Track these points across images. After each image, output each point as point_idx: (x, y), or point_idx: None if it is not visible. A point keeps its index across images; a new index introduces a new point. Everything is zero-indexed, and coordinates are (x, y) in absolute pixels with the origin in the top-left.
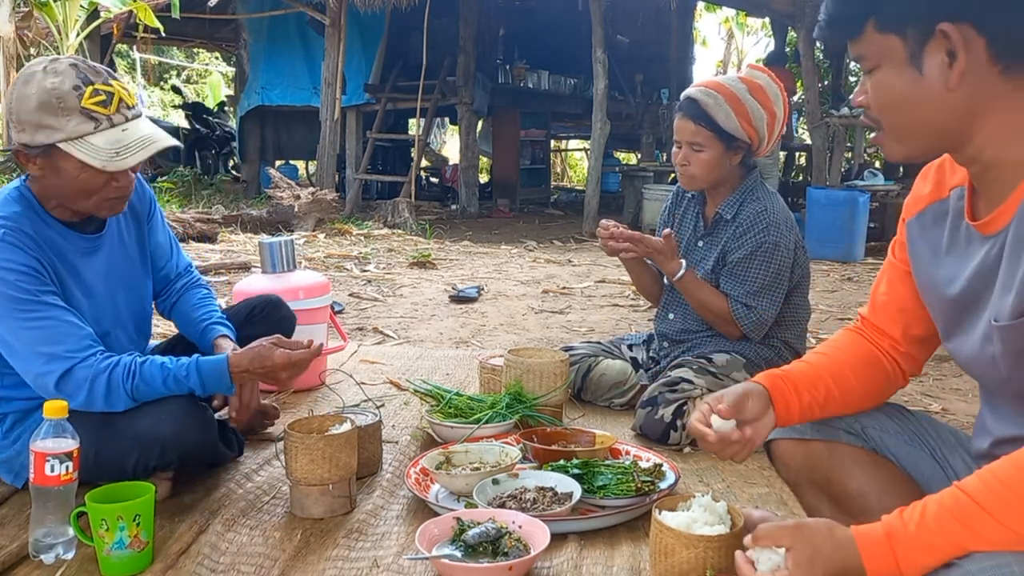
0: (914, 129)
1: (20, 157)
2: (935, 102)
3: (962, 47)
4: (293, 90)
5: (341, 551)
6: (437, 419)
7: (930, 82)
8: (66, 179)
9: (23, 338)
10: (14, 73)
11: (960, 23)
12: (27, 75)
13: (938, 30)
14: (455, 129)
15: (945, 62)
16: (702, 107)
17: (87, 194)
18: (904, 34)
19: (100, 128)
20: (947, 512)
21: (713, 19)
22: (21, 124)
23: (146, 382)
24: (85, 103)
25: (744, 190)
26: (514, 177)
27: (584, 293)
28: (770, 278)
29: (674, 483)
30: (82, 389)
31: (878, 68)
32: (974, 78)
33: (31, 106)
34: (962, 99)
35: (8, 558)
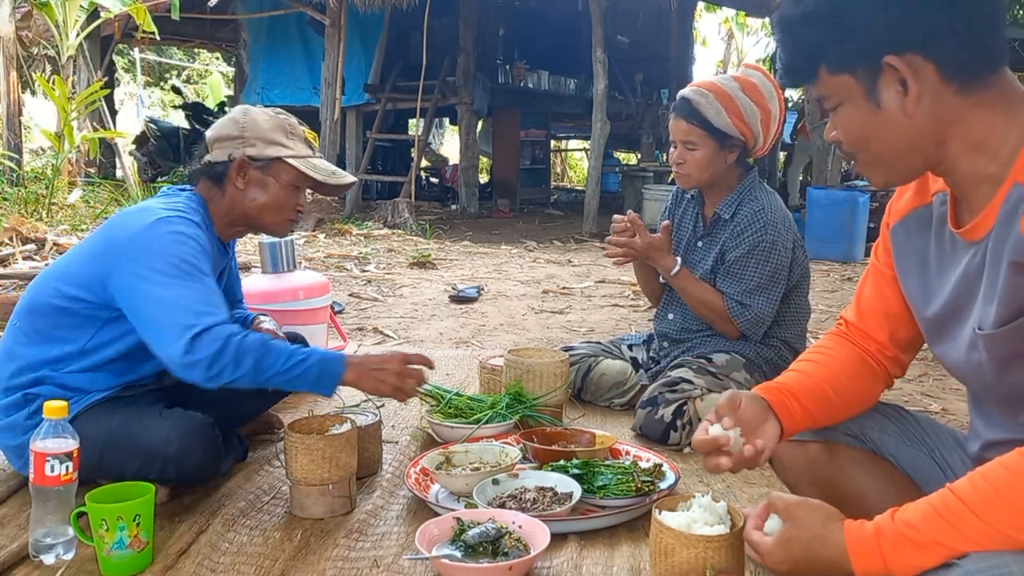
0: (886, 157)
1: (238, 167)
2: (899, 130)
3: (911, 76)
4: (293, 90)
5: (341, 551)
6: (437, 419)
7: (890, 112)
8: (270, 193)
9: (181, 294)
10: (14, 73)
11: (905, 54)
12: (244, 109)
13: (884, 64)
14: (455, 129)
15: (899, 91)
16: (693, 106)
17: (277, 210)
18: (855, 72)
19: (316, 155)
20: (935, 512)
21: (713, 19)
22: (253, 140)
23: (272, 354)
24: (306, 135)
25: (742, 190)
26: (514, 177)
27: (584, 293)
28: (767, 277)
29: (674, 483)
30: (215, 344)
31: (841, 105)
32: (931, 101)
33: (265, 126)
34: (924, 122)
35: (8, 558)
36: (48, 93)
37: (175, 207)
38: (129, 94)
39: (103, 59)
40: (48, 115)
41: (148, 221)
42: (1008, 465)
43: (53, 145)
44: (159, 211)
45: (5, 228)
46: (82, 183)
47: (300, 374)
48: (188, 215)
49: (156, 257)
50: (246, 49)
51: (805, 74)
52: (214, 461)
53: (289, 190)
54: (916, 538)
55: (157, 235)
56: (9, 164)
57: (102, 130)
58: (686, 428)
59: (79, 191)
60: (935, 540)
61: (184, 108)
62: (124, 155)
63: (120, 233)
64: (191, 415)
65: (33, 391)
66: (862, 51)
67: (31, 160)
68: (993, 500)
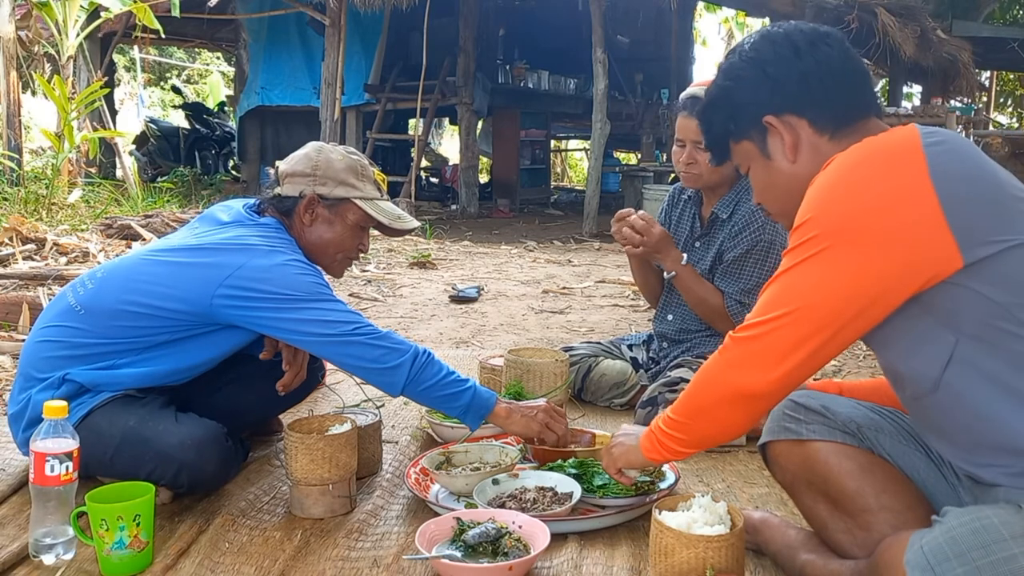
0: (783, 201)
1: (307, 204)
2: (787, 176)
3: (786, 130)
4: (293, 90)
5: (341, 551)
6: (437, 419)
7: (777, 162)
8: (335, 231)
9: (318, 308)
10: (14, 73)
11: (782, 114)
12: (318, 147)
13: (765, 123)
14: (454, 129)
15: (781, 144)
16: None
17: (338, 250)
18: (750, 137)
19: (384, 198)
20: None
21: (713, 19)
22: (325, 179)
23: (432, 371)
24: (376, 177)
25: (739, 189)
26: (514, 177)
27: (584, 293)
28: (765, 276)
29: (674, 483)
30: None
31: (750, 168)
32: (810, 149)
33: (339, 166)
34: (806, 167)
35: (8, 558)
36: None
37: (272, 239)
38: (129, 94)
39: (103, 59)
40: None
41: (264, 259)
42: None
43: (53, 145)
44: (266, 246)
45: (5, 228)
46: (82, 183)
47: (455, 392)
48: (289, 248)
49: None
50: (246, 49)
51: (722, 150)
52: (226, 470)
53: (354, 230)
54: (660, 440)
55: (285, 272)
56: (9, 164)
57: (102, 130)
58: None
59: (79, 191)
60: (668, 447)
61: (184, 108)
62: (124, 155)
63: (232, 268)
64: (207, 423)
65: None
66: (750, 119)
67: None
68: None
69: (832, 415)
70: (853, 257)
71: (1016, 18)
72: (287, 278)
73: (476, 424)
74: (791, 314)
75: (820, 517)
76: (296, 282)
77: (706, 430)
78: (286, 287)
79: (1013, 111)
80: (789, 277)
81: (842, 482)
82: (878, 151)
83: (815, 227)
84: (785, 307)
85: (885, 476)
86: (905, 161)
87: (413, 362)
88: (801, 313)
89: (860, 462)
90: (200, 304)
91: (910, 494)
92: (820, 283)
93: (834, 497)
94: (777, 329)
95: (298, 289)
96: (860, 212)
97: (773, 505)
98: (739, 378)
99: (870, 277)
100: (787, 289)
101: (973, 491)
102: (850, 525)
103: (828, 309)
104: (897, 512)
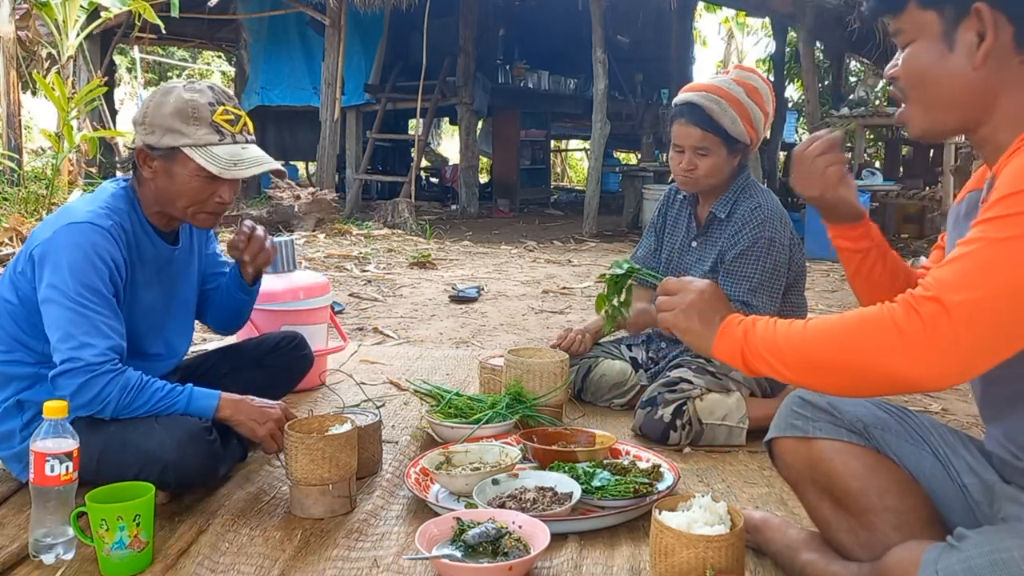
0: (936, 102)
1: (140, 156)
2: (959, 78)
3: (992, 29)
4: (293, 90)
5: (341, 551)
6: (437, 419)
7: (957, 58)
8: (177, 183)
9: (67, 317)
10: (14, 73)
11: (994, 8)
12: (168, 87)
13: (973, 10)
14: (454, 129)
15: (974, 42)
16: (708, 113)
17: (191, 202)
18: (942, 11)
19: (223, 142)
20: (775, 336)
21: (713, 19)
22: (152, 127)
23: (141, 399)
24: (216, 118)
25: (736, 189)
26: (514, 177)
27: (584, 293)
28: (767, 274)
29: (673, 484)
30: (73, 384)
31: (913, 42)
32: (997, 62)
33: (166, 112)
34: (983, 80)
35: (8, 558)
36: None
37: (93, 208)
38: (129, 94)
39: (103, 59)
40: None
41: (61, 224)
42: (838, 328)
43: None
44: (74, 213)
45: (5, 228)
46: (82, 183)
47: (169, 405)
48: (101, 219)
49: (59, 276)
50: (246, 49)
51: (896, 1)
52: (211, 466)
53: (197, 180)
54: (746, 356)
55: (64, 246)
56: (9, 164)
57: (102, 130)
58: (686, 428)
59: (79, 191)
60: (762, 359)
61: None
62: (124, 155)
63: (39, 235)
64: (187, 421)
65: (27, 396)
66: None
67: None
68: (808, 357)
69: (839, 413)
70: None
71: None
72: (65, 262)
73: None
74: (994, 299)
75: (823, 516)
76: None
77: (820, 382)
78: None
79: None
80: (994, 250)
81: (846, 481)
82: None
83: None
84: (988, 289)
85: (890, 476)
86: None
87: (117, 403)
88: (1008, 300)
89: (865, 461)
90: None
91: (915, 495)
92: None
93: (838, 496)
94: (976, 316)
95: (64, 282)
96: None
97: (773, 505)
98: (912, 364)
99: None
100: (991, 266)
101: (984, 493)
102: (853, 525)
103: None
104: (901, 513)
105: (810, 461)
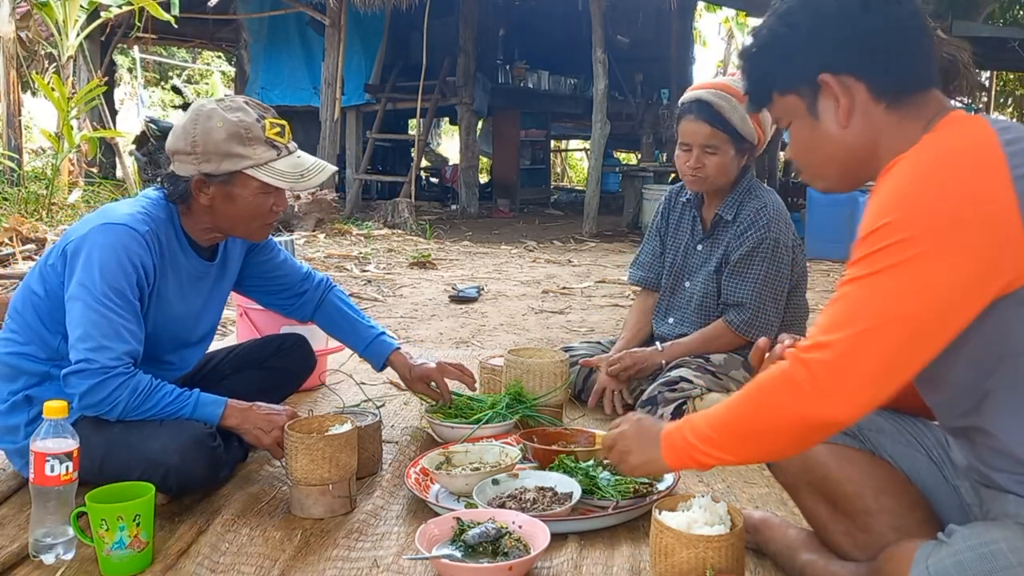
0: (824, 165)
1: (196, 186)
2: (834, 141)
3: (843, 92)
4: (293, 90)
5: (341, 551)
6: (437, 419)
7: (827, 125)
8: (239, 204)
9: (89, 317)
10: (14, 73)
11: (839, 74)
12: (206, 111)
13: (820, 81)
14: (454, 129)
15: (835, 106)
16: (717, 110)
17: (252, 219)
18: (799, 92)
19: (281, 155)
20: (702, 429)
21: (713, 19)
22: (207, 155)
23: (150, 400)
24: (268, 133)
25: (741, 190)
26: (514, 177)
27: (584, 293)
28: (772, 275)
29: (673, 484)
30: (84, 385)
31: (791, 124)
32: (863, 116)
33: (219, 138)
34: (857, 134)
35: (8, 558)
36: (47, 93)
37: (133, 212)
38: (129, 94)
39: (103, 59)
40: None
41: (98, 224)
42: (744, 399)
43: (53, 145)
44: (113, 214)
45: (5, 228)
46: (82, 183)
47: (176, 410)
48: (138, 223)
49: (88, 275)
50: (247, 49)
51: (761, 98)
52: (214, 472)
53: (259, 198)
54: (691, 454)
55: (97, 246)
56: (9, 164)
57: (102, 130)
58: None
59: (79, 191)
60: (705, 453)
61: (184, 108)
62: (124, 155)
63: (76, 231)
64: (191, 425)
65: (35, 393)
66: (802, 73)
67: (31, 160)
68: (735, 432)
69: None
70: (943, 264)
71: (1016, 18)
72: (96, 261)
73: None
74: (875, 330)
75: (820, 518)
76: (98, 273)
77: (755, 452)
78: (88, 274)
79: (1013, 111)
80: (866, 286)
81: (842, 483)
82: (957, 151)
83: (899, 231)
84: (867, 321)
85: (885, 478)
86: (986, 162)
87: (125, 406)
88: (889, 328)
89: (860, 464)
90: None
91: (910, 496)
92: (910, 292)
93: (834, 498)
94: (860, 348)
95: (93, 283)
96: (948, 217)
97: (773, 505)
98: (814, 408)
99: (958, 286)
100: (867, 300)
101: (977, 493)
102: (850, 527)
103: (919, 322)
104: (897, 514)
105: (805, 464)
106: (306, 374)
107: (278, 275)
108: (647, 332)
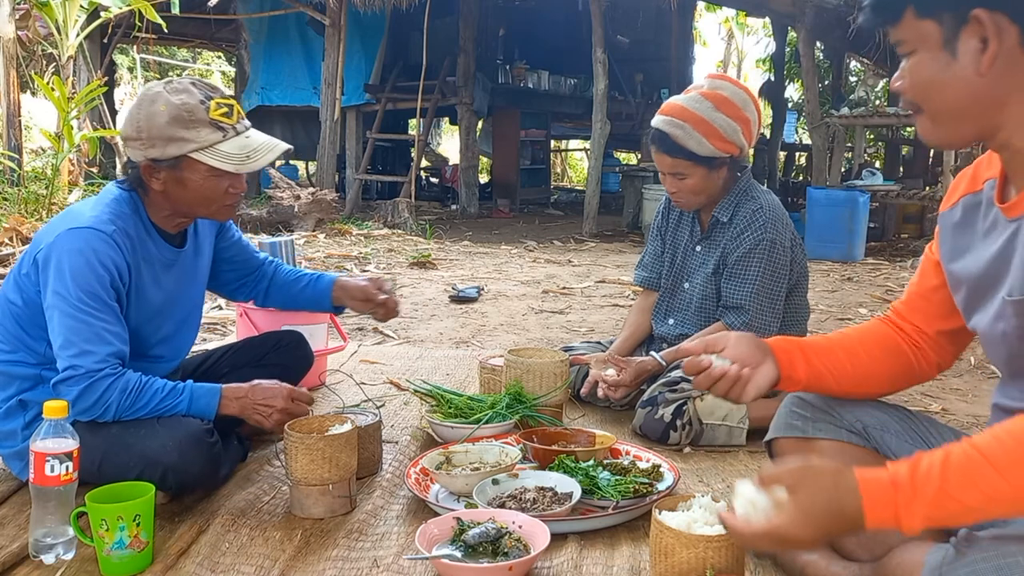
0: (945, 112)
1: (145, 171)
2: (966, 86)
3: (994, 34)
4: (293, 90)
5: (341, 551)
6: (437, 419)
7: (962, 66)
8: (190, 189)
9: (68, 324)
10: (14, 73)
11: (995, 11)
12: (151, 95)
13: (972, 16)
14: (454, 129)
15: (978, 48)
16: (672, 140)
17: (208, 201)
18: (940, 19)
19: (228, 136)
20: (954, 466)
21: (713, 19)
22: (151, 140)
23: (142, 401)
24: (212, 115)
25: (738, 192)
26: (514, 177)
27: (584, 293)
28: (769, 276)
29: (673, 484)
30: (74, 391)
31: (915, 52)
32: (1004, 66)
33: (161, 121)
34: (992, 85)
35: (8, 558)
36: (47, 93)
37: (97, 212)
38: (130, 94)
39: (103, 59)
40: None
41: (64, 229)
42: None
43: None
44: (78, 218)
45: (5, 228)
46: (83, 183)
47: (172, 404)
48: (104, 224)
49: (61, 283)
50: (247, 49)
51: (891, 12)
52: (213, 470)
53: (210, 180)
54: (932, 493)
55: (66, 252)
56: (9, 164)
57: (102, 130)
58: (686, 428)
59: (79, 191)
60: (951, 496)
61: None
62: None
63: (43, 239)
64: (188, 423)
65: (29, 396)
66: (955, 1)
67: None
68: (1016, 455)
69: (838, 414)
70: None
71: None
72: (67, 269)
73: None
74: None
75: None
76: (71, 280)
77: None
78: (62, 281)
79: None
80: None
81: None
82: None
83: None
84: None
85: None
86: None
87: (118, 407)
88: None
89: (865, 462)
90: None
91: None
92: None
93: None
94: None
95: (67, 290)
96: None
97: None
98: None
99: None
100: None
101: None
102: None
103: None
104: None
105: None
106: (303, 371)
107: (244, 258)
108: (646, 331)
